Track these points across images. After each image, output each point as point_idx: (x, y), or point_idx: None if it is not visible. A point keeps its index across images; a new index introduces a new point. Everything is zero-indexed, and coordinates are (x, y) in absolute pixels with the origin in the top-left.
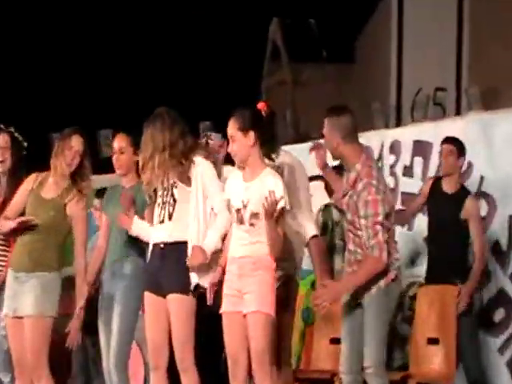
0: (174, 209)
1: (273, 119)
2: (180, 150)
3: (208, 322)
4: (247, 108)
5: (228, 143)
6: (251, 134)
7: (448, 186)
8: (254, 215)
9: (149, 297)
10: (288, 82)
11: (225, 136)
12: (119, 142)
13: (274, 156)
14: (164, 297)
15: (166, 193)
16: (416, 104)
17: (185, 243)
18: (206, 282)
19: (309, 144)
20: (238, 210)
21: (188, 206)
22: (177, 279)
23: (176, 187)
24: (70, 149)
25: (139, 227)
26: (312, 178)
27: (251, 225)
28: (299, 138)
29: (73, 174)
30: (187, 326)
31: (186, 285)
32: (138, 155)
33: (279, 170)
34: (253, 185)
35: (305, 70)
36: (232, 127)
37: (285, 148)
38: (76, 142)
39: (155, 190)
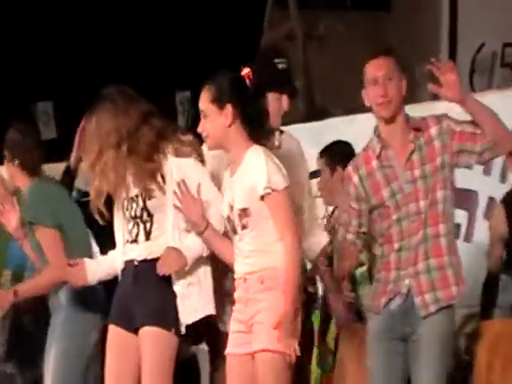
0: (151, 225)
1: (261, 90)
2: (145, 140)
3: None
4: (224, 75)
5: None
6: (228, 108)
7: None
8: (243, 212)
9: (114, 331)
10: (298, 36)
11: None
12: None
13: (264, 142)
14: (135, 332)
15: (133, 205)
16: (477, 66)
17: None
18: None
19: (327, 121)
20: (228, 218)
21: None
22: (154, 307)
23: (150, 198)
24: None
25: (101, 270)
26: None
27: (243, 227)
28: (313, 114)
29: None
30: (164, 371)
31: (167, 315)
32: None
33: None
34: (236, 177)
35: (321, 21)
36: (203, 99)
37: (292, 127)
38: None
39: (109, 203)
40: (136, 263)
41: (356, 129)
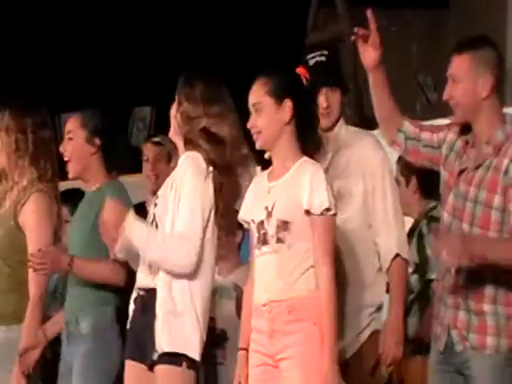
0: None
1: (315, 95)
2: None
3: None
4: (281, 69)
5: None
6: (288, 103)
7: None
8: (283, 225)
9: (131, 367)
10: (346, 38)
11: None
12: (68, 125)
13: (316, 151)
14: (151, 368)
15: (153, 207)
16: None
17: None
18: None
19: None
20: (260, 224)
21: None
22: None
23: (156, 204)
24: None
25: (144, 236)
26: None
27: (279, 241)
28: (363, 123)
29: None
30: None
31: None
32: (92, 144)
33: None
34: (281, 183)
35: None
36: (258, 92)
37: None
38: None
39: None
40: (142, 293)
41: None
